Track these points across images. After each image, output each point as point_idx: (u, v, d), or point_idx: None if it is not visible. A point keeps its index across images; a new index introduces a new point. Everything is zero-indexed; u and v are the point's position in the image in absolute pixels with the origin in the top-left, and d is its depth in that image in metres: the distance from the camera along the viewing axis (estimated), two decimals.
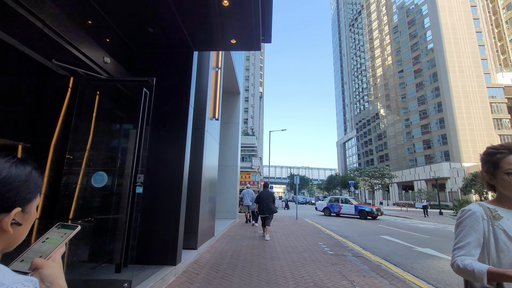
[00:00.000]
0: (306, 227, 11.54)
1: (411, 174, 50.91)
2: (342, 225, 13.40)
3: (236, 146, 13.46)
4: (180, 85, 4.73)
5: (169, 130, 4.51)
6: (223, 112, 13.96)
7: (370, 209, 17.38)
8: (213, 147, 7.05)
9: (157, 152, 4.37)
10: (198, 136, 5.89)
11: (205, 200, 6.09)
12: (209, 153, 6.53)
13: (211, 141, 6.76)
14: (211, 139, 6.77)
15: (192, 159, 5.39)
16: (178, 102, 4.63)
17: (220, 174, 13.08)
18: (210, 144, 6.63)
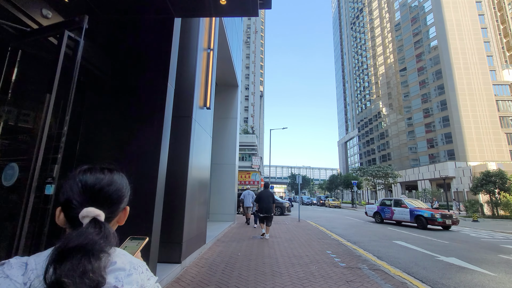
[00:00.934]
0: (310, 230, 10.56)
1: (414, 173, 49.82)
2: (348, 228, 12.42)
3: (234, 143, 12.50)
4: (156, 58, 3.76)
5: (141, 112, 3.54)
6: (219, 106, 13.01)
7: (431, 214, 12.18)
8: (204, 140, 6.09)
9: (122, 140, 3.41)
10: (183, 125, 4.92)
11: (193, 203, 5.13)
12: (199, 147, 5.57)
13: (202, 133, 5.79)
14: (202, 131, 5.80)
15: (173, 153, 4.44)
16: (154, 79, 3.67)
17: (216, 173, 12.13)
18: (200, 137, 5.66)
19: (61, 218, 0.62)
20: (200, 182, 5.63)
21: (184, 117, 4.93)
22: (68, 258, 0.51)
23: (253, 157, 30.15)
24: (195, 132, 5.12)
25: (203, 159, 5.89)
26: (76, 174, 0.64)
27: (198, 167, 5.42)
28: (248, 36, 60.81)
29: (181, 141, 4.81)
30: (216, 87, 13.06)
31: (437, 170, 43.58)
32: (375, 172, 38.51)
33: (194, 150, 5.10)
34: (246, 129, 38.33)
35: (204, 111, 6.00)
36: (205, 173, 6.16)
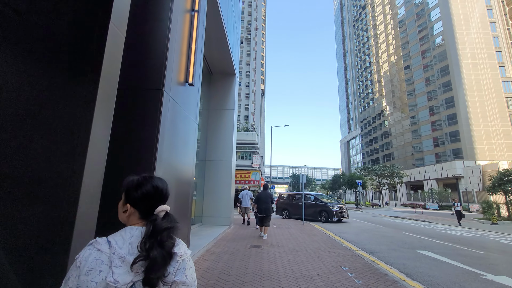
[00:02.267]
0: (317, 236, 9.22)
1: (420, 173, 48.35)
2: (359, 232, 11.05)
3: (231, 137, 11.17)
4: None
5: (57, 61, 2.20)
6: (215, 97, 11.69)
7: None
8: (186, 126, 4.76)
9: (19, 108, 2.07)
10: (150, 101, 3.58)
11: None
12: (176, 134, 4.24)
13: (181, 116, 4.46)
14: (181, 114, 4.47)
15: (130, 138, 3.11)
16: (85, 15, 2.32)
17: (210, 171, 10.81)
18: (178, 120, 4.33)
19: (130, 213, 0.92)
20: (177, 181, 4.30)
21: (151, 89, 3.60)
22: (159, 234, 0.82)
23: (254, 156, 28.82)
24: (168, 111, 3.79)
25: (183, 150, 4.56)
26: (147, 180, 0.94)
27: (173, 161, 4.08)
28: (249, 33, 59.48)
29: (143, 123, 3.49)
30: (211, 76, 11.76)
31: (444, 170, 42.12)
32: (380, 171, 37.05)
33: (167, 137, 3.77)
34: (246, 127, 36.99)
35: (186, 88, 4.67)
36: (186, 170, 4.82)
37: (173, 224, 0.87)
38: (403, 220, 18.33)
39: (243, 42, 58.81)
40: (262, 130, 63.43)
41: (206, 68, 11.23)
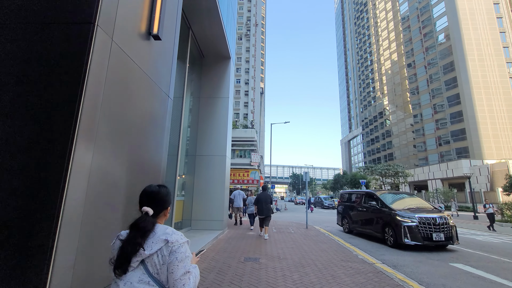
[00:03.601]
0: (325, 243, 7.84)
1: (424, 172, 47.00)
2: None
3: (225, 129, 9.79)
4: None
5: None
6: (206, 84, 10.27)
7: None
8: (153, 100, 3.36)
9: None
10: (73, 39, 2.18)
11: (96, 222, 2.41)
12: (133, 106, 2.85)
13: (143, 82, 3.07)
14: (144, 79, 3.08)
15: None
16: None
17: (200, 167, 9.42)
18: (135, 85, 2.94)
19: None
20: (134, 177, 2.90)
21: (74, 23, 2.20)
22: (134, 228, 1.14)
23: (252, 154, 27.45)
24: (109, 64, 2.39)
25: (145, 132, 3.16)
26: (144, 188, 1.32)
27: (123, 146, 2.69)
28: (248, 29, 58.11)
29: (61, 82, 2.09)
30: (203, 59, 10.38)
31: (449, 169, 40.78)
32: (384, 170, 35.67)
33: (109, 107, 2.38)
34: (245, 124, 35.60)
35: (150, 44, 3.27)
36: (153, 160, 3.42)
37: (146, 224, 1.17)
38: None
39: (242, 39, 57.44)
40: (261, 129, 62.05)
41: (196, 50, 9.85)
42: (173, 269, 1.09)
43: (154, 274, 1.10)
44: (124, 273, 1.08)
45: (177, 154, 7.60)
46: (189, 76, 9.60)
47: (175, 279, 1.09)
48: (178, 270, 1.09)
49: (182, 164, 9.33)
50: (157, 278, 1.10)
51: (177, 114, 7.99)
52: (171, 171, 7.53)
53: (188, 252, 1.17)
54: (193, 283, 1.14)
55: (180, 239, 1.16)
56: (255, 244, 7.46)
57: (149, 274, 1.09)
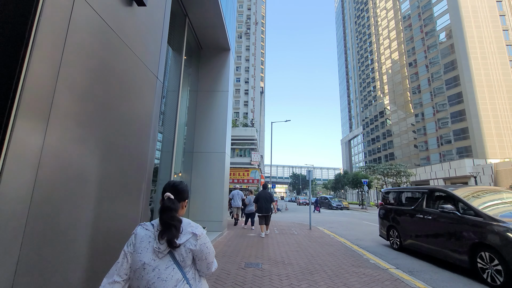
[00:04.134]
0: (331, 246, 7.30)
1: (426, 172, 46.50)
2: (382, 240, 9.13)
3: (224, 124, 9.25)
4: None
5: None
6: (205, 77, 9.72)
7: None
8: (135, 77, 2.82)
9: None
10: None
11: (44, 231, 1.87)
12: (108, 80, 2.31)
13: (124, 56, 2.53)
14: (124, 51, 2.54)
15: None
16: None
17: (197, 165, 8.88)
18: (114, 57, 2.40)
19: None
20: (100, 176, 2.35)
21: None
22: (165, 211, 1.29)
23: (253, 153, 26.91)
24: (71, 17, 1.85)
25: (119, 116, 2.61)
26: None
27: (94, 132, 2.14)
28: (248, 27, 57.59)
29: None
30: (201, 50, 9.85)
31: (452, 169, 40.28)
32: (386, 170, 35.14)
33: (68, 75, 1.84)
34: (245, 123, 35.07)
35: (133, 10, 2.73)
36: (133, 150, 2.87)
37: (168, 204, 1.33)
38: None
39: (242, 37, 56.93)
40: (261, 129, 61.50)
41: (194, 40, 9.32)
42: (206, 256, 1.32)
43: (180, 262, 1.26)
44: (174, 247, 1.25)
45: (172, 150, 7.07)
46: (186, 68, 9.06)
47: (209, 262, 1.35)
48: (209, 255, 1.34)
49: (178, 162, 8.79)
50: (181, 265, 1.26)
51: (173, 108, 7.46)
52: (165, 168, 7.00)
53: (209, 240, 1.38)
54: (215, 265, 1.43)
55: (203, 231, 1.37)
56: (256, 246, 6.92)
57: (175, 261, 1.25)
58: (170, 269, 1.22)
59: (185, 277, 1.25)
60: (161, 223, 1.27)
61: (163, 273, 1.19)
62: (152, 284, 1.18)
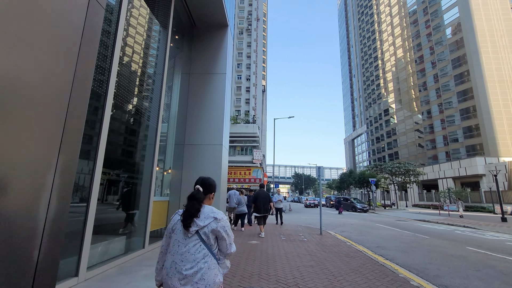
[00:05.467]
0: (352, 257, 5.91)
1: (434, 171, 44.87)
2: (404, 247, 7.71)
3: (221, 112, 7.89)
4: None
5: None
6: (198, 57, 8.32)
7: None
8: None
9: None
10: None
11: None
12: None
13: None
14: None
15: None
16: None
17: (189, 160, 7.51)
18: None
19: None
20: None
21: None
22: (189, 199, 1.62)
23: (255, 151, 25.52)
24: None
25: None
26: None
27: None
28: (249, 23, 56.24)
29: None
30: (194, 28, 8.50)
31: (462, 167, 38.67)
32: (395, 168, 33.58)
33: None
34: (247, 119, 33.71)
35: None
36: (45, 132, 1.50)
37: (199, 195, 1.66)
38: (436, 225, 14.98)
39: (243, 33, 55.59)
40: (263, 128, 60.08)
41: (186, 16, 7.97)
42: (226, 236, 1.62)
43: (205, 240, 1.56)
44: (186, 227, 1.55)
45: (154, 142, 5.72)
46: (176, 48, 7.72)
47: (228, 243, 1.64)
48: (228, 237, 1.64)
49: (168, 155, 7.44)
50: (207, 243, 1.56)
51: (156, 92, 6.13)
52: (147, 162, 5.67)
53: (229, 225, 1.69)
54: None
55: (224, 216, 1.66)
56: (260, 259, 5.55)
57: (201, 240, 1.55)
58: (198, 246, 1.53)
59: (211, 252, 1.57)
60: (185, 209, 1.61)
61: (191, 249, 1.51)
62: (185, 257, 1.50)
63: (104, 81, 3.99)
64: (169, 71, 7.59)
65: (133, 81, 5.38)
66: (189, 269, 1.47)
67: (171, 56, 7.39)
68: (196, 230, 1.55)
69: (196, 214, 1.56)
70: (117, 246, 4.78)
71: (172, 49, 7.39)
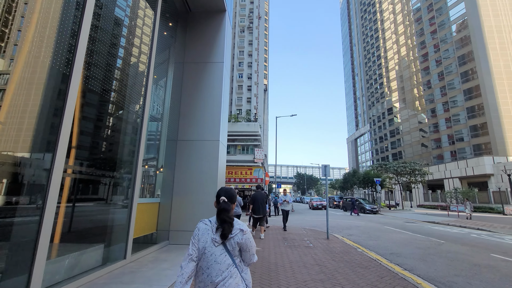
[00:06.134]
0: (367, 269, 5.15)
1: (440, 171, 43.86)
2: (422, 254, 6.92)
3: (218, 105, 7.14)
4: None
5: None
6: (193, 45, 7.54)
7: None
8: None
9: None
10: None
11: None
12: None
13: None
14: None
15: None
16: None
17: (182, 157, 6.76)
18: None
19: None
20: None
21: None
22: (222, 211, 1.63)
23: (256, 150, 24.76)
24: None
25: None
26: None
27: None
28: (251, 21, 55.51)
29: None
30: (189, 14, 7.77)
31: (469, 167, 37.64)
32: (400, 168, 32.67)
33: None
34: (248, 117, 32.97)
35: None
36: None
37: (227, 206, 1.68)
38: (448, 227, 14.14)
39: (244, 31, 54.87)
40: (264, 127, 59.30)
41: (180, 1, 7.24)
42: (250, 248, 1.67)
43: (230, 251, 1.60)
44: (226, 238, 1.60)
45: (139, 137, 5.00)
46: (167, 34, 7.00)
47: (251, 254, 1.69)
48: (252, 247, 1.69)
49: (159, 152, 6.72)
50: (232, 253, 1.61)
51: (140, 78, 5.41)
52: (130, 158, 4.95)
53: (251, 236, 1.72)
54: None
55: (248, 228, 1.69)
56: (260, 271, 4.80)
57: (226, 250, 1.59)
58: (223, 255, 1.57)
59: (234, 263, 1.60)
60: (219, 220, 1.62)
61: (218, 258, 1.55)
62: (211, 266, 1.54)
63: (70, 59, 3.26)
64: (160, 59, 6.87)
65: (111, 64, 4.65)
66: (215, 277, 1.53)
67: (163, 43, 6.67)
68: (222, 241, 1.61)
69: (232, 225, 1.63)
70: (92, 257, 4.05)
71: (163, 36, 6.68)
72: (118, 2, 5.05)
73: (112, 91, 4.68)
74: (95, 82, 4.09)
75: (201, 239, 1.59)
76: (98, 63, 4.16)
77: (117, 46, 5.00)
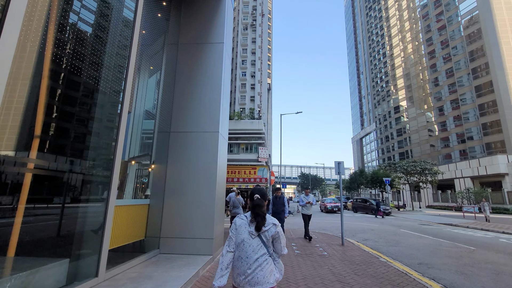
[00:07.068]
0: (392, 282, 4.14)
1: (450, 170, 42.38)
2: (458, 264, 5.88)
3: (218, 92, 6.19)
4: None
5: None
6: (189, 24, 6.62)
7: None
8: None
9: None
10: None
11: None
12: None
13: None
14: None
15: None
16: None
17: (176, 151, 5.79)
18: None
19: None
20: None
21: None
22: (256, 207, 1.93)
23: (260, 148, 23.80)
24: None
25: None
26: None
27: None
28: (254, 19, 54.60)
29: None
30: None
31: (482, 166, 36.20)
32: (410, 167, 31.40)
33: None
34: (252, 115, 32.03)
35: None
36: None
37: (257, 202, 1.94)
38: (469, 230, 13.00)
39: (247, 29, 54.00)
40: (268, 126, 58.30)
41: None
42: (281, 240, 1.91)
43: (265, 242, 1.86)
44: (259, 230, 1.85)
45: (117, 127, 4.07)
46: (156, 8, 6.08)
47: (282, 245, 1.92)
48: (283, 240, 1.93)
49: (148, 146, 5.80)
50: (266, 244, 1.87)
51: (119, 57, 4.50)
52: (104, 150, 4.03)
53: (281, 229, 2.03)
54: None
55: (278, 222, 1.95)
56: None
57: (262, 241, 1.85)
58: (260, 246, 1.83)
59: (269, 252, 1.87)
60: (253, 214, 1.90)
61: (255, 248, 1.82)
62: (249, 255, 1.81)
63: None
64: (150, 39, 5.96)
65: (83, 38, 3.73)
66: (252, 264, 1.79)
67: (151, 20, 5.76)
68: (258, 233, 1.85)
69: (265, 218, 1.88)
70: (51, 275, 3.13)
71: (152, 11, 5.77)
72: None
73: (84, 69, 3.77)
74: (64, 60, 3.18)
75: (239, 231, 1.88)
76: (68, 39, 3.25)
77: (91, 18, 4.09)
